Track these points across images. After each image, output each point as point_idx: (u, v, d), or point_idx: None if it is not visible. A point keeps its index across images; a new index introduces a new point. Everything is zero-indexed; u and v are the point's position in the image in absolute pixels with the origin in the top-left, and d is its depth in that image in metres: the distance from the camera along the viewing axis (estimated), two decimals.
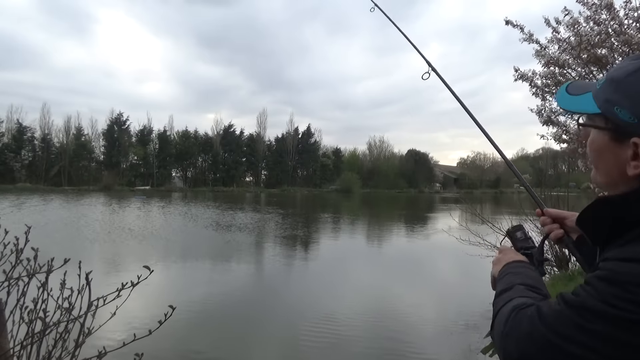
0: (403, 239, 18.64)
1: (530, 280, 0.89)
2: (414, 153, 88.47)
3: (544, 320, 0.69)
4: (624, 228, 0.70)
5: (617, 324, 0.61)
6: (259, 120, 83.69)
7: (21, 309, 1.56)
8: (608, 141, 0.75)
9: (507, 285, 0.89)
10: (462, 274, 10.72)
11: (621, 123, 0.72)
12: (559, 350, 0.66)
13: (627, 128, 0.71)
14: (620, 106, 0.72)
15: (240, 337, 6.12)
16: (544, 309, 0.71)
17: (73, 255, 1.53)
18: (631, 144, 0.71)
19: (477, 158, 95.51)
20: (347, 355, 5.59)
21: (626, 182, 0.73)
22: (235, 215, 26.30)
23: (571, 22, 4.96)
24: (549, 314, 0.70)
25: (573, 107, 0.84)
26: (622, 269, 0.64)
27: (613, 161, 0.75)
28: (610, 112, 0.74)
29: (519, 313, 0.75)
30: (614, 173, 0.75)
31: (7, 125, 66.44)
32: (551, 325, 0.68)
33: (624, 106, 0.71)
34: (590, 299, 0.65)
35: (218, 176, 77.42)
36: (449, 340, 6.13)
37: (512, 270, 0.95)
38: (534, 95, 5.57)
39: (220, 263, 12.02)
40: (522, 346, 0.71)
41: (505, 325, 0.76)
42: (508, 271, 0.96)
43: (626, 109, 0.71)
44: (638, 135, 0.70)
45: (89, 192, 55.10)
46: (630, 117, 0.70)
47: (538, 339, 0.69)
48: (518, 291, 0.85)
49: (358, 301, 8.21)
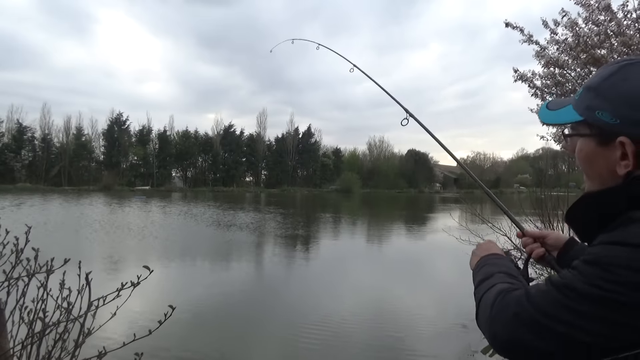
0: (403, 239, 18.64)
1: (509, 270, 0.92)
2: (414, 153, 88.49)
3: (531, 301, 0.71)
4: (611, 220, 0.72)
5: (604, 305, 0.63)
6: (259, 120, 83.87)
7: (21, 309, 1.56)
8: (595, 146, 0.77)
9: (487, 274, 0.92)
10: (462, 274, 10.68)
11: (604, 126, 0.74)
12: (547, 329, 0.67)
13: (612, 129, 0.73)
14: (601, 109, 0.75)
15: (240, 337, 6.12)
16: (532, 291, 0.73)
17: (73, 255, 1.54)
18: (618, 144, 0.72)
19: (477, 158, 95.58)
20: (346, 355, 5.59)
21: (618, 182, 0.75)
22: (235, 215, 26.29)
23: (569, 23, 4.96)
24: (536, 295, 0.71)
25: (555, 120, 0.87)
26: (606, 252, 0.66)
27: (603, 165, 0.76)
28: (592, 118, 0.77)
29: (505, 296, 0.77)
30: (606, 176, 0.76)
31: (7, 125, 66.61)
32: (539, 305, 0.69)
33: (604, 109, 0.74)
34: (576, 280, 0.67)
35: (218, 176, 77.45)
36: (449, 340, 6.13)
37: (489, 262, 0.97)
38: (533, 96, 5.57)
39: (220, 263, 12.02)
40: (510, 328, 0.72)
41: (492, 308, 0.77)
42: (486, 262, 0.98)
43: (607, 111, 0.74)
44: (623, 135, 0.72)
45: (88, 192, 55.09)
46: (612, 118, 0.73)
47: (526, 320, 0.70)
48: (499, 278, 0.87)
49: (357, 301, 8.22)
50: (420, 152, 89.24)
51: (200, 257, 12.57)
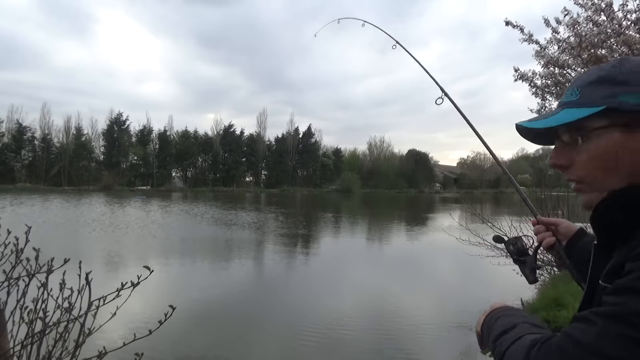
0: (403, 238, 18.64)
1: (533, 320, 0.80)
2: (414, 153, 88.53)
3: (583, 347, 0.57)
4: None
5: None
6: (259, 120, 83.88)
7: (21, 309, 1.56)
8: (619, 138, 0.68)
9: (507, 326, 0.79)
10: (462, 274, 10.72)
11: (633, 109, 0.66)
12: None
13: None
14: (625, 93, 0.67)
15: (240, 337, 6.12)
16: (576, 335, 0.60)
17: (73, 255, 1.53)
18: None
19: (477, 158, 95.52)
20: (346, 355, 5.59)
21: None
22: (234, 214, 26.29)
23: (571, 22, 4.96)
24: (584, 338, 0.58)
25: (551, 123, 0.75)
26: None
27: (629, 158, 0.67)
28: (617, 103, 0.67)
29: (542, 346, 0.65)
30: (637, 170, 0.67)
31: (7, 125, 66.62)
32: (596, 349, 0.56)
33: (629, 92, 0.67)
34: (631, 307, 0.55)
35: (218, 176, 77.46)
36: (449, 340, 6.13)
37: (504, 313, 0.85)
38: (533, 95, 5.57)
39: (221, 263, 12.02)
40: None
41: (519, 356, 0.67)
42: (500, 314, 0.86)
43: (632, 94, 0.67)
44: None
45: (88, 192, 55.10)
46: None
47: None
48: (525, 328, 0.75)
49: (357, 301, 8.22)
50: (420, 152, 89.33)
51: (201, 257, 12.57)
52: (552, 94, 5.48)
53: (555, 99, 5.56)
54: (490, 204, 34.72)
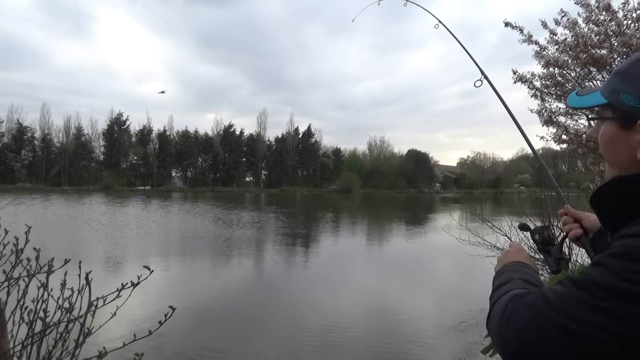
0: (403, 238, 18.64)
1: (530, 277, 0.87)
2: (414, 153, 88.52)
3: (549, 304, 0.66)
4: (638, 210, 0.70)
5: (636, 300, 0.59)
6: (259, 120, 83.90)
7: (21, 309, 1.56)
8: (617, 130, 0.78)
9: (505, 280, 0.88)
10: (462, 274, 10.72)
11: (627, 109, 0.75)
12: (565, 332, 0.62)
13: (634, 112, 0.74)
14: (626, 93, 0.75)
15: (240, 337, 6.12)
16: (548, 294, 0.68)
17: (73, 255, 1.54)
18: (638, 127, 0.73)
19: (477, 158, 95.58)
20: (346, 354, 5.59)
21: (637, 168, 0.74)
22: (235, 214, 26.29)
23: (569, 23, 4.96)
24: (554, 297, 0.66)
25: (581, 104, 0.88)
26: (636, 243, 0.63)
27: (624, 149, 0.76)
28: (616, 101, 0.77)
29: (518, 301, 0.72)
30: (626, 162, 0.76)
31: (7, 125, 66.64)
32: (559, 308, 0.64)
33: (628, 92, 0.75)
34: (604, 276, 0.62)
35: (218, 176, 77.45)
36: (448, 340, 6.13)
37: (510, 268, 0.94)
38: (532, 97, 5.57)
39: (221, 262, 12.02)
40: (521, 334, 0.67)
41: (503, 314, 0.73)
42: (507, 269, 0.94)
43: (631, 94, 0.74)
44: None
45: (88, 192, 55.10)
46: (635, 101, 0.74)
47: (541, 324, 0.65)
48: (517, 284, 0.84)
49: (357, 301, 8.22)
50: (420, 152, 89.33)
51: (201, 257, 12.56)
52: (552, 95, 5.49)
53: (555, 100, 5.56)
54: (491, 204, 34.72)
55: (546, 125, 5.66)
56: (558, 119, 5.58)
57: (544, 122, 5.63)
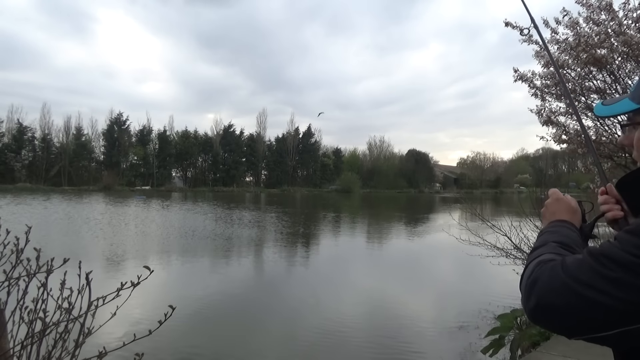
0: (403, 238, 18.64)
1: (565, 239, 0.90)
2: (414, 153, 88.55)
3: (565, 268, 0.72)
4: None
5: (635, 272, 0.64)
6: (259, 120, 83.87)
7: (21, 309, 1.56)
8: None
9: (542, 242, 0.91)
10: (462, 274, 10.72)
11: None
12: (576, 294, 0.68)
13: None
14: None
15: (240, 336, 6.12)
16: (568, 260, 0.74)
17: (72, 255, 1.54)
18: None
19: (477, 158, 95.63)
20: (346, 354, 5.59)
21: None
22: (235, 214, 26.30)
23: (570, 22, 4.96)
24: (572, 263, 0.72)
25: (610, 112, 0.88)
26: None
27: None
28: None
29: (543, 266, 0.77)
30: None
31: (7, 125, 66.62)
32: (571, 272, 0.70)
33: None
34: (613, 248, 0.68)
35: (218, 176, 77.45)
36: (448, 340, 6.13)
37: (550, 229, 0.96)
38: (533, 96, 5.57)
39: (221, 262, 12.02)
40: (541, 293, 0.73)
41: (530, 276, 0.78)
42: (547, 230, 0.97)
43: None
44: None
45: (88, 192, 55.11)
46: None
47: (557, 286, 0.71)
48: (550, 248, 0.87)
49: (357, 301, 8.22)
50: (420, 152, 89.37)
51: (200, 257, 12.56)
52: (552, 94, 5.48)
53: (555, 100, 5.56)
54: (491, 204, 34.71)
55: (546, 125, 5.65)
56: (558, 118, 5.58)
57: (543, 122, 5.63)
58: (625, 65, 4.81)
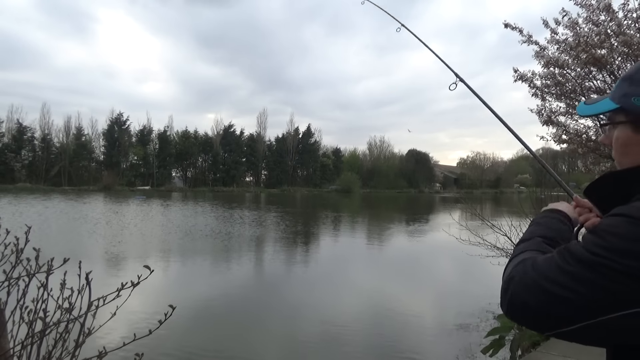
0: (403, 238, 18.64)
1: (551, 233, 0.93)
2: (414, 153, 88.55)
3: (535, 266, 0.75)
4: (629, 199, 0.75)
5: (593, 268, 0.67)
6: (259, 120, 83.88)
7: (21, 309, 1.56)
8: (631, 133, 0.80)
9: (528, 236, 0.94)
10: (462, 274, 10.72)
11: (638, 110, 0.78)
12: (543, 291, 0.70)
13: None
14: (637, 95, 0.78)
15: (241, 336, 6.12)
16: (539, 259, 0.77)
17: (72, 255, 1.54)
18: None
19: (477, 158, 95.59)
20: (346, 354, 5.59)
21: None
22: (235, 214, 26.30)
23: (570, 23, 4.96)
24: (541, 261, 0.75)
25: (591, 111, 0.91)
26: (607, 222, 0.71)
27: (638, 152, 0.79)
28: (628, 104, 0.80)
29: (518, 264, 0.80)
30: None
31: (7, 125, 66.63)
32: (540, 269, 0.73)
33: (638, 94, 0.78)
34: (576, 246, 0.72)
35: (218, 176, 77.45)
36: (449, 340, 6.13)
37: (540, 219, 1.00)
38: (533, 96, 5.57)
39: (221, 262, 12.02)
40: (514, 290, 0.76)
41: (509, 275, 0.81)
42: (537, 220, 1.01)
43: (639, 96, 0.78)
44: None
45: (88, 192, 55.11)
46: None
47: (528, 283, 0.74)
48: (533, 244, 0.90)
49: (357, 301, 8.22)
50: (420, 152, 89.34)
51: (202, 256, 12.56)
52: (552, 94, 5.48)
53: (555, 99, 5.56)
54: (491, 204, 34.73)
55: (546, 125, 5.66)
56: (558, 118, 5.58)
57: (543, 122, 5.63)
58: (625, 66, 4.81)
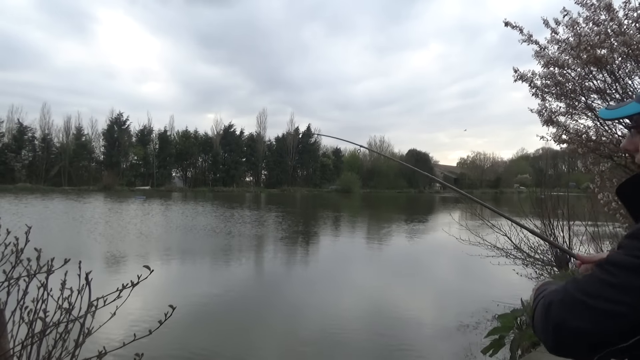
0: (403, 238, 18.64)
1: None
2: (414, 153, 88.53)
3: (574, 284, 0.72)
4: None
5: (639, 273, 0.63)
6: (259, 120, 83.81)
7: (21, 309, 1.56)
8: None
9: (542, 289, 0.90)
10: (462, 274, 10.72)
11: None
12: (586, 306, 0.66)
13: None
14: None
15: (241, 335, 6.12)
16: (577, 277, 0.74)
17: (72, 255, 1.54)
18: None
19: (477, 158, 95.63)
20: (346, 354, 5.59)
21: None
22: (235, 214, 26.29)
23: (570, 22, 4.96)
24: (581, 279, 0.72)
25: (616, 115, 0.88)
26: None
27: None
28: None
29: (550, 293, 0.77)
30: None
31: (7, 125, 66.57)
32: (579, 285, 0.70)
33: None
34: (617, 255, 0.68)
35: (218, 176, 77.43)
36: (449, 340, 6.13)
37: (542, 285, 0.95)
38: (533, 96, 5.56)
39: (221, 261, 12.02)
40: (556, 313, 0.71)
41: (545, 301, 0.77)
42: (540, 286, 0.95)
43: None
44: None
45: (88, 192, 55.11)
46: None
47: (570, 303, 0.69)
48: (554, 284, 0.87)
49: (358, 301, 8.22)
50: (420, 152, 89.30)
51: (202, 256, 12.56)
52: (552, 94, 5.48)
53: (555, 99, 5.56)
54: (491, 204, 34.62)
55: (546, 125, 5.65)
56: (558, 118, 5.58)
57: (544, 122, 5.63)
58: (625, 65, 4.80)
